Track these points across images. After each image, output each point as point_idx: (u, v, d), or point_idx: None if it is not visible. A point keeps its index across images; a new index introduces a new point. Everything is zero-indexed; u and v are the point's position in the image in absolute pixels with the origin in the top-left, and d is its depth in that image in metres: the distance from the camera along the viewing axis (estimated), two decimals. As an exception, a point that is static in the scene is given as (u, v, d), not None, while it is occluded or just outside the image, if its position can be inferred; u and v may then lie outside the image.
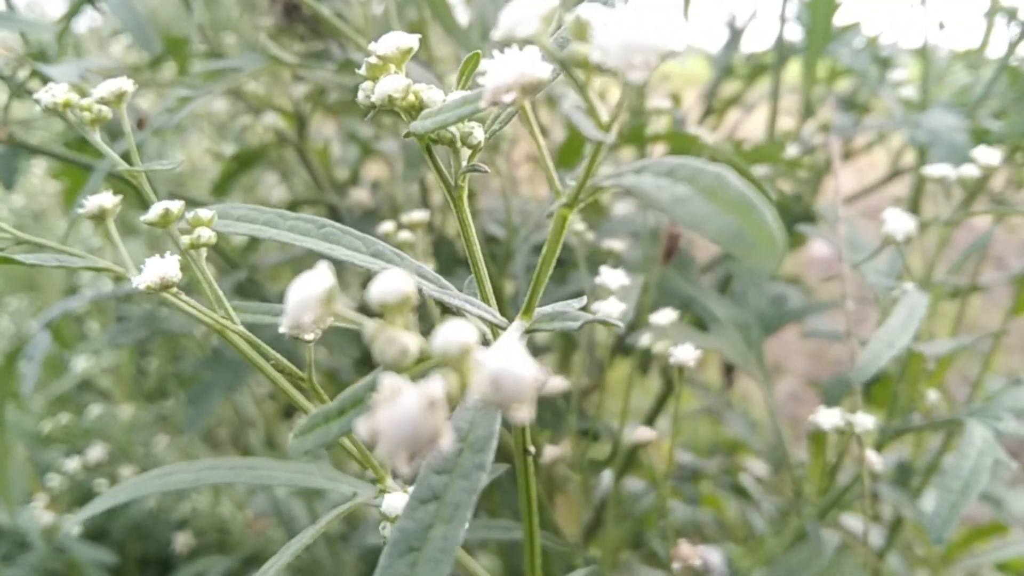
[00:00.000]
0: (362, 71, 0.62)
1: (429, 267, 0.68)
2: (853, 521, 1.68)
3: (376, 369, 0.50)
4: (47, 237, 0.85)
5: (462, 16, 1.63)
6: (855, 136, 2.09)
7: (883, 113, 2.21)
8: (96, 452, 2.05)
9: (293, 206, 1.96)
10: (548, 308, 0.62)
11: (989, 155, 1.27)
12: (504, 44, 0.46)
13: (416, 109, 0.60)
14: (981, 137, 1.57)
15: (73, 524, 0.90)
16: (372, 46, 0.61)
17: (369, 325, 0.43)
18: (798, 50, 1.99)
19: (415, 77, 0.62)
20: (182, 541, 1.92)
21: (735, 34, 2.16)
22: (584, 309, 0.64)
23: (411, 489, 0.67)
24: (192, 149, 2.17)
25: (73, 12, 1.45)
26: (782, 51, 1.98)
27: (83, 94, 0.81)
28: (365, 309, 0.45)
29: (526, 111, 0.50)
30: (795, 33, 2.01)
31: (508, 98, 0.46)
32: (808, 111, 2.01)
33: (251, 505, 1.96)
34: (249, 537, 1.96)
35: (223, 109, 2.14)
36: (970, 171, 1.27)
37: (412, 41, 0.62)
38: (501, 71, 0.46)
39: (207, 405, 1.57)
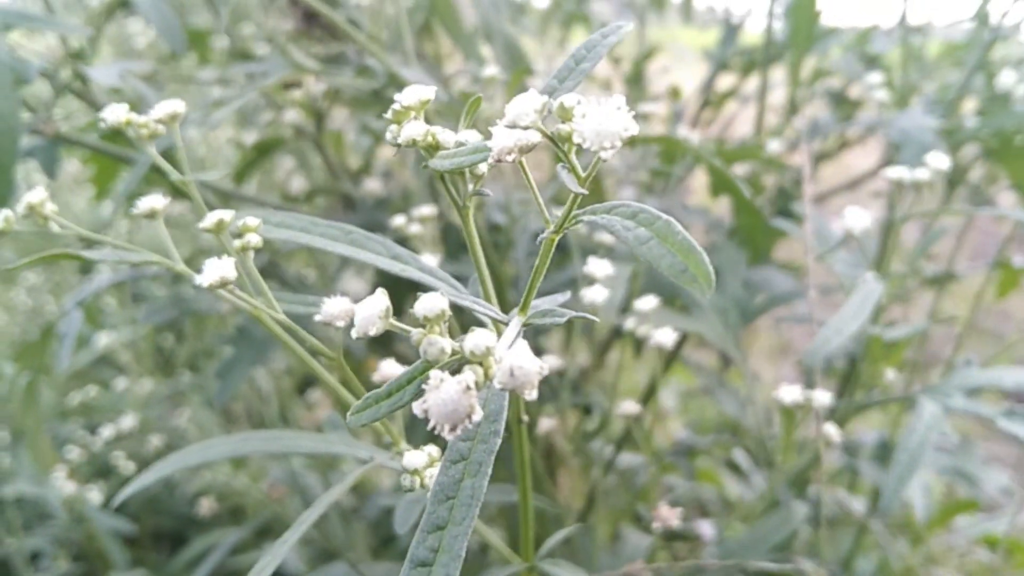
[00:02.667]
0: (388, 116, 0.73)
1: (438, 255, 0.80)
2: (840, 494, 1.78)
3: (417, 362, 0.64)
4: (65, 214, 0.94)
5: (466, 20, 1.72)
6: (844, 131, 2.17)
7: (876, 107, 2.28)
8: (128, 421, 2.13)
9: (311, 195, 2.06)
10: (541, 303, 0.75)
11: (941, 160, 1.39)
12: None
13: (434, 148, 0.72)
14: (953, 136, 1.67)
15: (120, 498, 0.98)
16: (397, 96, 0.73)
17: (415, 332, 0.61)
18: (786, 48, 2.05)
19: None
20: (206, 505, 1.98)
21: (731, 30, 2.24)
22: (575, 295, 0.77)
23: (428, 449, 0.81)
24: (209, 134, 2.24)
25: (109, 14, 1.54)
26: (770, 49, 2.06)
27: (135, 106, 0.93)
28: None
29: (523, 166, 0.66)
30: (784, 31, 2.08)
31: (510, 158, 0.63)
32: (793, 109, 2.09)
33: (267, 476, 2.01)
34: (265, 507, 2.01)
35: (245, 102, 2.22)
36: (922, 175, 1.39)
37: (430, 93, 0.73)
38: (505, 138, 0.63)
39: (234, 379, 1.68)
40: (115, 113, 0.92)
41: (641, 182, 1.89)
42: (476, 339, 0.56)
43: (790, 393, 1.29)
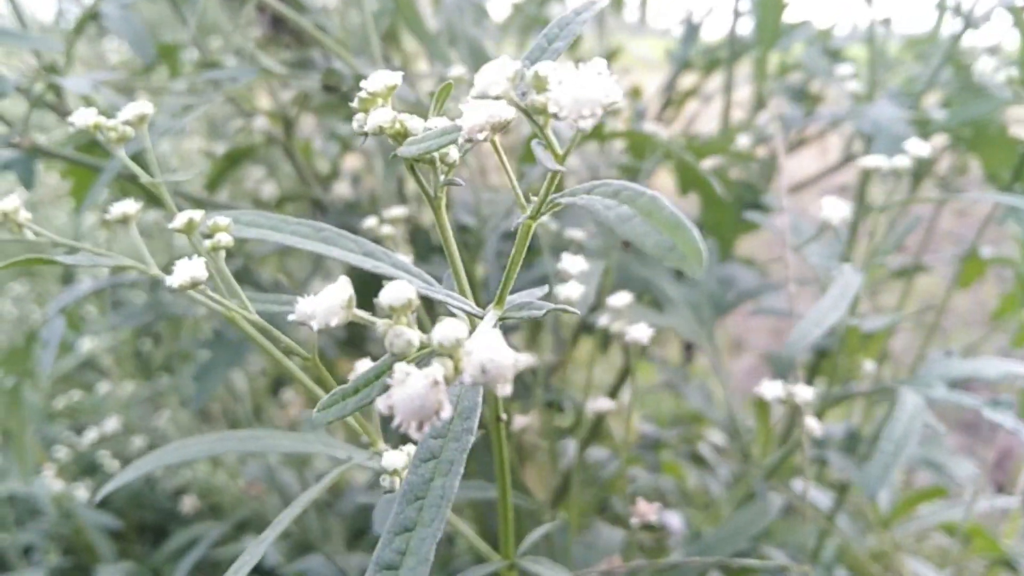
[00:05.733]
0: (354, 104, 0.72)
1: (408, 256, 0.79)
2: (801, 486, 1.79)
3: (384, 357, 0.63)
4: (46, 227, 0.94)
5: (430, 23, 1.72)
6: (807, 126, 2.16)
7: (835, 102, 2.28)
8: (112, 423, 2.18)
9: (282, 201, 2.07)
10: (517, 298, 0.73)
11: (920, 147, 1.38)
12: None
13: (402, 136, 0.70)
14: (923, 127, 1.68)
15: (103, 493, 0.99)
16: (363, 83, 0.71)
17: (380, 323, 0.57)
18: (750, 45, 2.08)
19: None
20: (188, 503, 2.06)
21: (692, 29, 2.24)
22: (548, 292, 0.75)
23: (407, 448, 0.80)
24: (181, 145, 2.25)
25: (80, 28, 1.54)
26: (735, 46, 2.07)
27: (107, 115, 0.93)
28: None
29: (495, 144, 0.62)
30: (748, 28, 2.09)
31: (481, 136, 0.59)
32: (759, 104, 2.10)
33: (244, 474, 2.08)
34: (243, 503, 2.07)
35: (214, 111, 2.23)
36: (903, 162, 1.38)
37: (397, 79, 0.72)
38: (475, 114, 0.59)
39: (211, 382, 1.68)
40: (84, 116, 0.92)
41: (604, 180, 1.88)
42: (445, 330, 0.51)
43: (772, 389, 1.28)
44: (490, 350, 0.50)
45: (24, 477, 1.95)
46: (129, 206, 0.92)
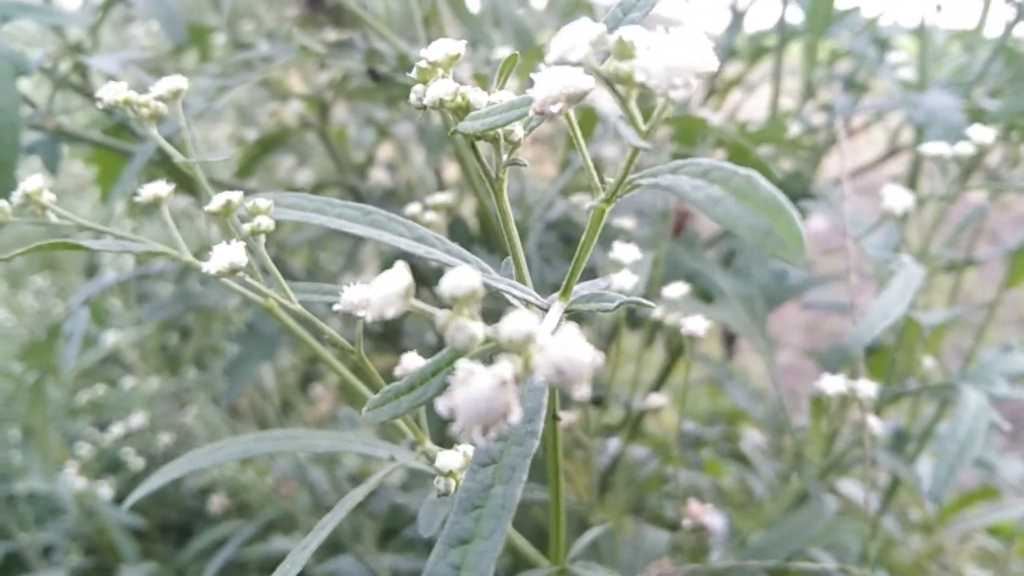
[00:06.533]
0: (412, 75, 0.67)
1: None
2: (849, 486, 1.74)
3: (442, 351, 0.57)
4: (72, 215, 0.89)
5: (472, 4, 1.67)
6: (854, 116, 2.11)
7: (881, 93, 2.24)
8: (137, 419, 2.14)
9: (317, 188, 2.02)
10: (583, 288, 0.67)
11: (983, 133, 1.32)
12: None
13: (463, 110, 0.64)
14: (977, 116, 1.62)
15: (130, 502, 0.95)
16: (423, 52, 0.66)
17: (440, 315, 0.49)
18: (799, 32, 2.02)
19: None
20: (217, 503, 2.00)
21: (737, 16, 2.19)
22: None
23: (463, 448, 0.74)
24: (210, 132, 2.22)
25: (107, 6, 1.50)
26: (784, 33, 2.02)
27: (140, 91, 0.87)
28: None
29: (570, 119, 0.56)
30: (796, 15, 2.04)
31: (555, 109, 0.52)
32: (809, 92, 2.05)
33: (274, 470, 2.02)
34: (272, 501, 2.02)
35: (243, 97, 2.19)
36: (965, 149, 1.32)
37: (459, 47, 0.67)
38: (549, 84, 0.52)
39: (243, 377, 1.64)
40: (113, 91, 0.86)
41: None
42: (514, 323, 0.44)
43: (833, 384, 1.22)
44: (566, 347, 0.43)
45: (46, 475, 1.91)
46: (161, 188, 0.86)
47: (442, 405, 0.44)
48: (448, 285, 0.48)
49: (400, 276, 0.52)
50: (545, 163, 2.35)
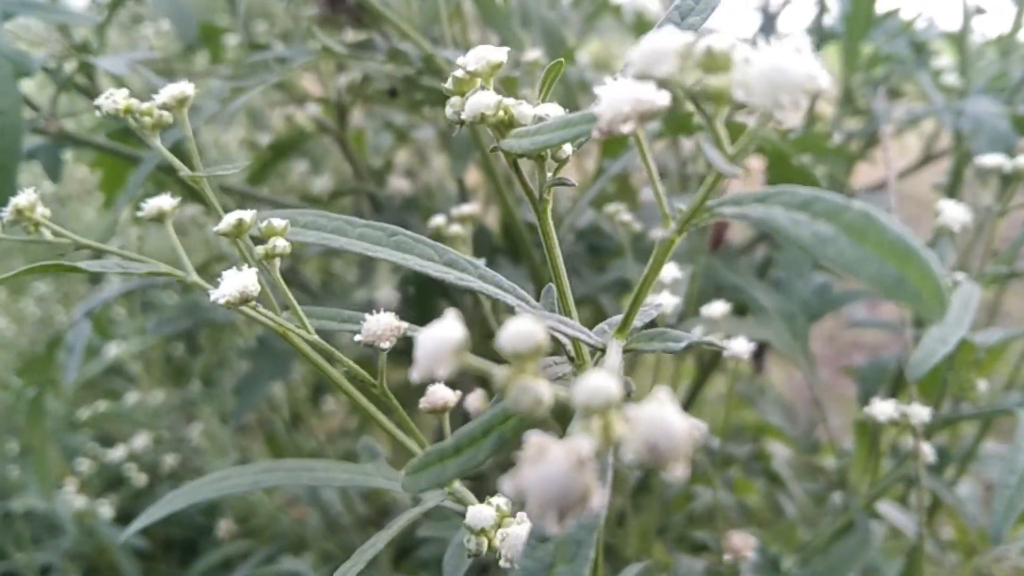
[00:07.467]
0: (448, 85, 0.60)
1: (470, 256, 0.66)
2: (888, 508, 1.67)
3: (495, 408, 0.49)
4: (74, 224, 0.83)
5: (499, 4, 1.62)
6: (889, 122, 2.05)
7: (915, 98, 2.19)
8: (141, 440, 2.08)
9: (335, 196, 1.96)
10: (646, 328, 0.60)
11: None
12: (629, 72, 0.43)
13: (506, 126, 0.58)
14: (1020, 124, 1.55)
15: (130, 532, 0.90)
16: (460, 60, 0.59)
17: (499, 374, 0.40)
18: (836, 35, 1.96)
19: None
20: (224, 528, 1.94)
21: (769, 18, 2.13)
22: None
23: (496, 500, 0.67)
24: (221, 136, 2.16)
25: (117, 3, 1.44)
26: (821, 36, 1.96)
27: (142, 99, 0.79)
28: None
29: (639, 139, 0.48)
30: (831, 18, 1.99)
31: (625, 129, 0.44)
32: (847, 97, 1.98)
33: (284, 489, 1.97)
34: (279, 520, 1.97)
35: (256, 100, 2.13)
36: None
37: (502, 55, 0.60)
38: (619, 99, 0.44)
39: (253, 395, 1.58)
40: (112, 99, 0.77)
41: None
42: (591, 386, 0.35)
43: (884, 410, 1.15)
44: (660, 418, 0.34)
45: (44, 492, 1.86)
46: (165, 202, 0.79)
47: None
48: (509, 340, 0.39)
49: (451, 329, 0.40)
50: (569, 171, 2.30)
